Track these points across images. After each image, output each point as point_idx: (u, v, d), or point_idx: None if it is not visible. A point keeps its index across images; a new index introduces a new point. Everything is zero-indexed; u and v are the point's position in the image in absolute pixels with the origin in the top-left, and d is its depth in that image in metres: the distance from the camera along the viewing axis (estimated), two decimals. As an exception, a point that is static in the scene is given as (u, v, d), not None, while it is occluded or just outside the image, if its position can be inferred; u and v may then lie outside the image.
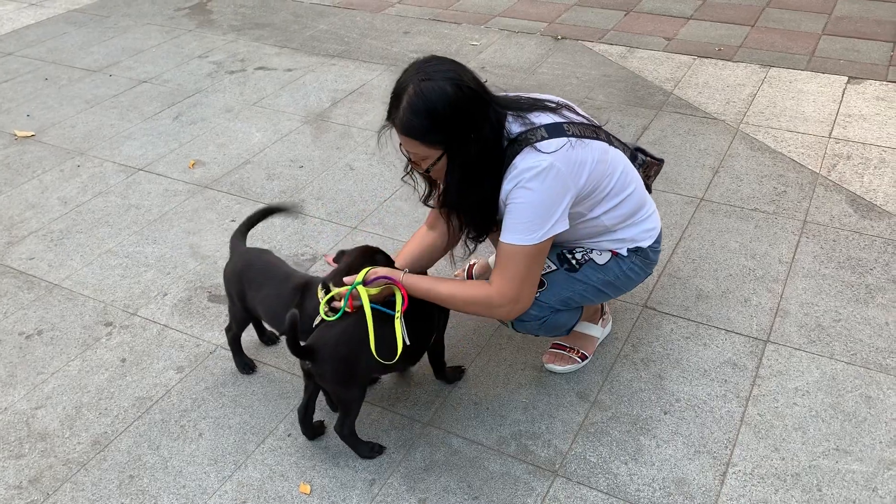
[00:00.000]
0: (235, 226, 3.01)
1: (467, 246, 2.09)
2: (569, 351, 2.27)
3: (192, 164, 3.47)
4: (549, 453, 2.03)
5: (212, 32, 4.93)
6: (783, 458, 1.98)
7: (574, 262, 2.04)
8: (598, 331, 2.31)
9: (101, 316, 2.60)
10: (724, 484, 1.92)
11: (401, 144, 1.87)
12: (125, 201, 3.23)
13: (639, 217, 2.06)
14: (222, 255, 2.85)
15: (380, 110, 3.84)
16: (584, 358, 2.27)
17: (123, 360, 2.41)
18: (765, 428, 2.07)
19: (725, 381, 2.21)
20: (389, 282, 1.90)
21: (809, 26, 4.56)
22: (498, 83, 4.07)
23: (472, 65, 4.30)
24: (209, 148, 3.60)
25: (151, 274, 2.79)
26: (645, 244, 2.08)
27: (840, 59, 4.12)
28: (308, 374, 1.94)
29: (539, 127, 1.83)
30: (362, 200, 3.15)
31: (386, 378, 2.27)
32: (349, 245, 2.86)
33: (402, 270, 1.96)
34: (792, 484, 1.92)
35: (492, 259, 2.59)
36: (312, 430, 2.07)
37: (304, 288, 2.08)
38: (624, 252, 2.07)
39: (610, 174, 1.93)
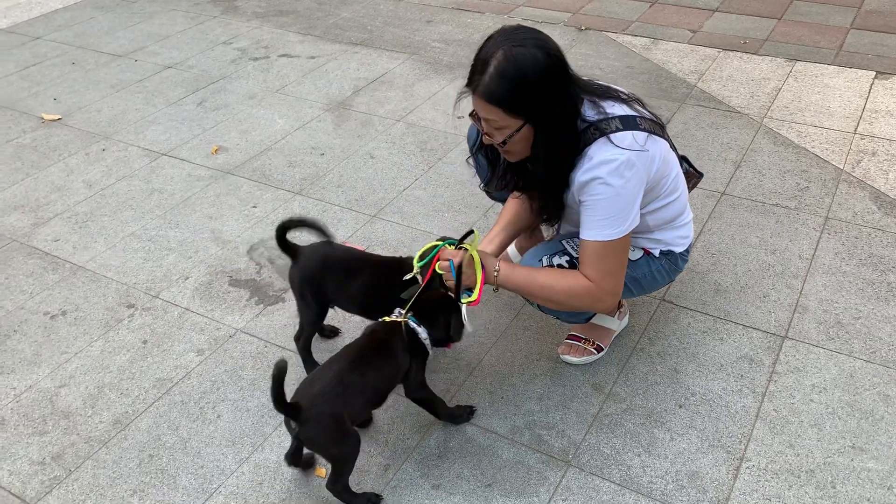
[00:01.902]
0: (257, 212, 3.06)
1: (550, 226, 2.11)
2: (584, 342, 2.27)
3: (215, 150, 3.50)
4: (563, 443, 2.04)
5: (236, 19, 4.95)
6: (798, 455, 1.98)
7: None
8: (615, 323, 2.31)
9: (124, 298, 2.65)
10: (737, 478, 1.93)
11: (473, 114, 1.83)
12: (149, 185, 3.27)
13: (677, 222, 2.08)
14: (244, 241, 2.89)
15: (401, 99, 3.85)
16: (599, 350, 2.28)
17: (145, 342, 2.45)
18: (780, 424, 2.06)
19: (741, 376, 2.21)
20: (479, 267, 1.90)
21: (838, 20, 4.50)
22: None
23: (494, 55, 4.29)
24: (232, 134, 3.63)
25: (173, 258, 2.83)
26: (677, 249, 2.10)
27: (868, 54, 4.07)
28: (296, 436, 1.83)
29: (613, 118, 1.82)
30: (382, 189, 3.16)
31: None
32: (370, 232, 2.88)
33: (497, 261, 1.94)
34: (806, 480, 1.91)
35: (511, 248, 2.60)
36: (302, 465, 1.98)
37: (397, 270, 2.08)
38: (656, 253, 2.08)
39: (667, 175, 1.93)
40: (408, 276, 2.02)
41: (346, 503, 1.87)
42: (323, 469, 1.99)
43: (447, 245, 1.97)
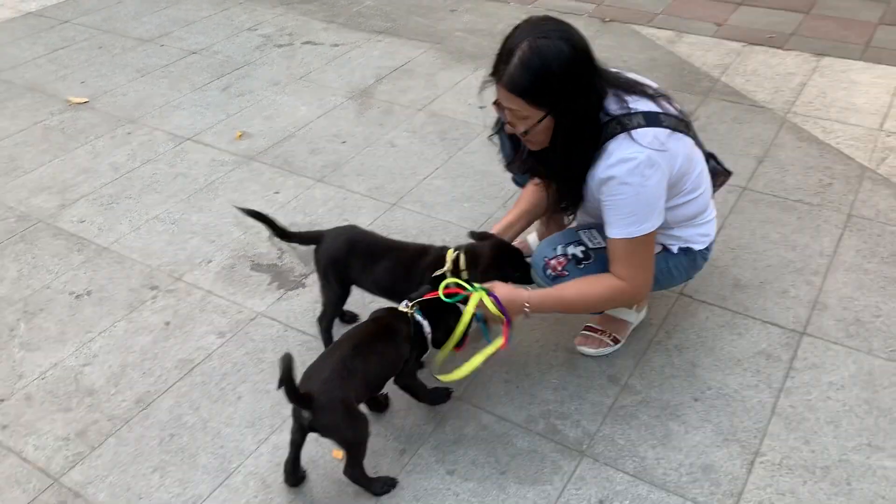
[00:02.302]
0: (279, 198, 3.09)
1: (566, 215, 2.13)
2: (601, 334, 2.28)
3: (239, 136, 3.54)
4: (578, 434, 2.05)
5: (261, 5, 4.98)
6: (813, 451, 1.98)
7: None
8: (632, 315, 2.32)
9: (147, 280, 2.69)
10: (751, 472, 1.93)
11: (496, 103, 1.84)
12: (173, 169, 3.31)
13: (699, 220, 2.07)
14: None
15: (423, 88, 3.86)
16: (616, 342, 2.28)
17: (167, 324, 2.49)
18: (796, 420, 2.06)
19: (758, 371, 2.21)
20: (502, 311, 1.93)
21: (866, 15, 4.44)
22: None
23: (517, 45, 4.29)
24: (255, 120, 3.66)
25: (196, 241, 2.87)
26: (696, 247, 2.10)
27: (897, 50, 4.02)
28: (301, 428, 1.84)
29: (636, 113, 1.81)
30: (402, 178, 3.18)
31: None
32: (390, 221, 2.90)
33: (527, 291, 1.96)
34: (821, 476, 1.91)
35: (531, 238, 2.61)
36: (298, 478, 1.95)
37: (420, 257, 2.12)
38: (675, 250, 2.08)
39: (690, 172, 1.93)
40: (438, 273, 2.04)
41: (365, 487, 1.90)
42: (340, 451, 2.01)
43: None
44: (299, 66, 4.18)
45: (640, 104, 1.84)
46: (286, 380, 1.68)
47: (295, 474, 1.94)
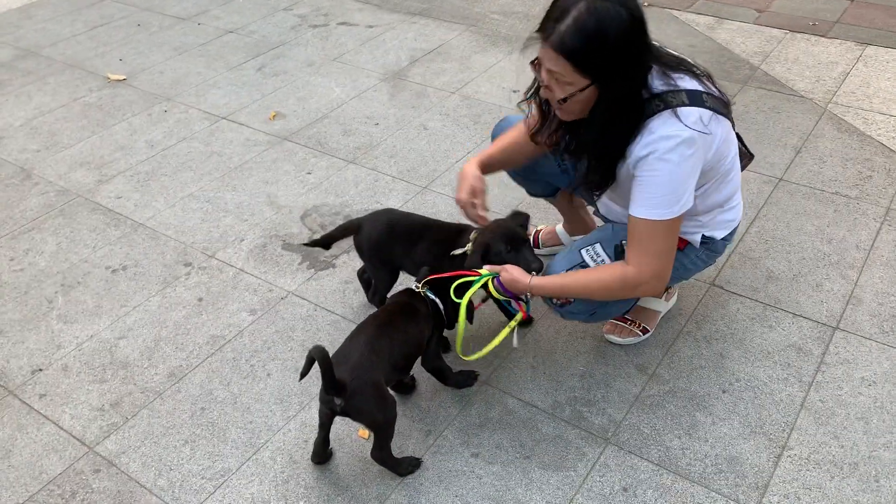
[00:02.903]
0: (312, 179, 3.11)
1: (586, 196, 2.08)
2: (630, 324, 2.27)
3: (273, 116, 3.56)
4: (603, 421, 2.05)
5: (297, -15, 4.99)
6: (842, 447, 1.96)
7: None
8: (661, 305, 2.30)
9: (182, 256, 2.73)
10: (777, 466, 1.92)
11: (535, 63, 1.72)
12: (208, 148, 3.35)
13: (727, 205, 2.00)
14: (298, 206, 2.94)
15: (457, 71, 3.85)
16: (645, 332, 2.27)
17: (200, 300, 2.54)
18: (826, 415, 2.04)
19: (789, 364, 2.19)
20: (507, 294, 1.94)
21: (914, 3, 4.32)
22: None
23: (553, 29, 4.25)
24: (290, 101, 3.68)
25: (230, 219, 2.91)
26: (719, 235, 2.03)
27: (944, 40, 3.91)
28: (331, 412, 1.85)
29: (681, 91, 1.72)
30: (434, 161, 3.18)
31: (447, 334, 2.32)
32: (421, 204, 2.91)
33: (530, 276, 1.92)
34: (849, 472, 1.89)
35: (559, 227, 2.60)
36: (326, 455, 1.99)
37: (459, 235, 2.13)
38: (697, 241, 2.00)
39: (727, 156, 1.85)
40: (457, 252, 2.05)
41: (391, 468, 1.93)
42: (366, 430, 2.04)
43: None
44: (334, 46, 4.19)
45: (686, 82, 1.75)
46: (326, 372, 1.71)
47: (323, 454, 1.97)
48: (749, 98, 3.48)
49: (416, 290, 2.02)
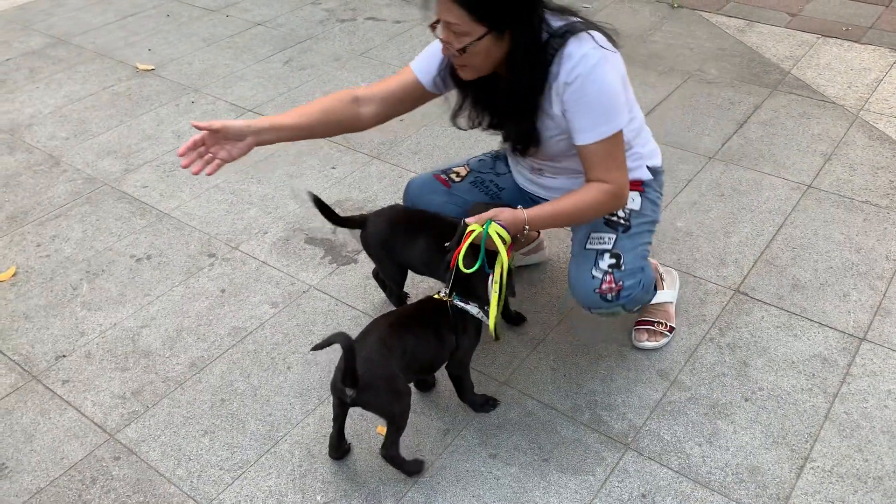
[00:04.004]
0: (336, 173, 3.12)
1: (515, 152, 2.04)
2: (658, 325, 2.26)
3: (298, 109, 3.57)
4: (623, 426, 2.04)
5: (326, -21, 5.00)
6: (867, 460, 1.93)
7: (623, 220, 2.01)
8: (670, 295, 2.29)
9: (205, 247, 2.75)
10: (800, 478, 1.89)
11: (433, 25, 1.77)
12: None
13: (644, 129, 2.07)
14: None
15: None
16: (671, 330, 2.26)
17: (223, 291, 2.55)
18: (850, 427, 2.01)
19: (813, 375, 2.16)
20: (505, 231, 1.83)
21: (951, 10, 4.24)
22: (606, 49, 3.98)
23: (581, 29, 4.22)
24: (316, 94, 3.69)
25: (254, 212, 2.92)
26: (657, 162, 2.09)
27: (982, 49, 3.83)
28: (342, 404, 1.85)
29: (579, 21, 1.80)
30: (458, 158, 3.15)
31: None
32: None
33: (524, 211, 1.86)
34: (873, 487, 1.87)
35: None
36: (343, 450, 1.99)
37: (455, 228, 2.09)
38: (646, 172, 2.06)
39: (627, 85, 1.90)
40: (448, 244, 1.99)
41: (398, 466, 1.91)
42: (384, 427, 2.04)
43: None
44: (361, 41, 4.19)
45: (575, 19, 1.82)
46: (349, 360, 1.69)
47: (339, 448, 1.97)
48: (779, 103, 3.44)
49: (438, 299, 1.92)
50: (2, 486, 1.95)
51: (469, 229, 1.81)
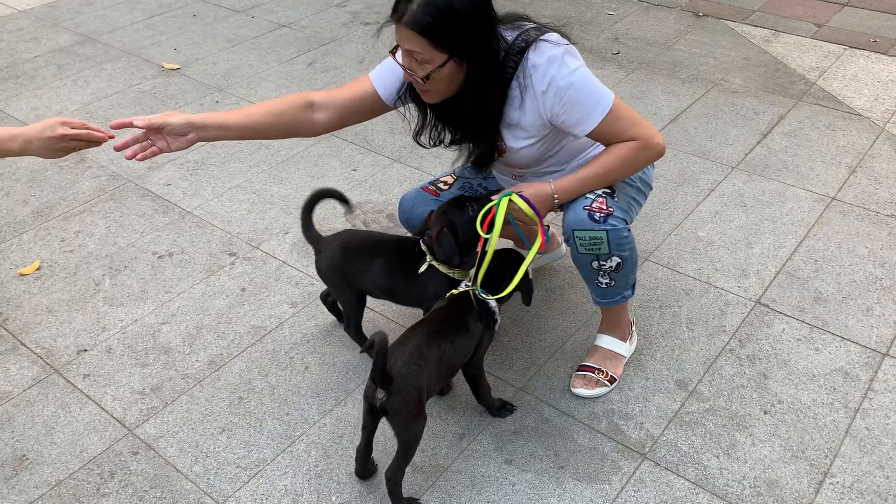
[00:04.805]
0: (357, 175, 3.13)
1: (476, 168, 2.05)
2: (597, 373, 2.16)
3: (321, 111, 3.58)
4: (640, 436, 2.03)
5: (351, -18, 5.03)
6: (887, 477, 1.90)
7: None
8: (624, 348, 2.20)
9: (227, 246, 2.77)
10: (819, 493, 1.87)
11: (393, 51, 1.80)
12: (257, 141, 3.38)
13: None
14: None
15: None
16: (612, 381, 2.16)
17: (243, 290, 2.57)
18: (871, 443, 1.99)
19: (834, 389, 2.13)
20: (534, 211, 1.85)
21: (981, 23, 4.19)
22: (630, 56, 3.97)
23: (605, 35, 4.22)
24: (338, 96, 3.70)
25: (275, 212, 2.94)
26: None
27: None
28: (372, 411, 1.80)
29: (529, 28, 1.81)
30: (480, 163, 3.17)
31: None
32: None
33: (551, 183, 1.87)
34: (893, 504, 1.85)
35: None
36: (368, 470, 1.94)
37: (413, 247, 2.07)
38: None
39: None
40: (423, 267, 2.00)
41: (393, 498, 1.83)
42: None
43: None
44: (384, 45, 4.19)
45: (527, 24, 1.84)
46: (380, 360, 1.67)
47: (366, 464, 1.92)
48: (804, 114, 3.41)
49: (461, 292, 1.93)
50: (22, 478, 1.98)
51: (491, 205, 1.85)
